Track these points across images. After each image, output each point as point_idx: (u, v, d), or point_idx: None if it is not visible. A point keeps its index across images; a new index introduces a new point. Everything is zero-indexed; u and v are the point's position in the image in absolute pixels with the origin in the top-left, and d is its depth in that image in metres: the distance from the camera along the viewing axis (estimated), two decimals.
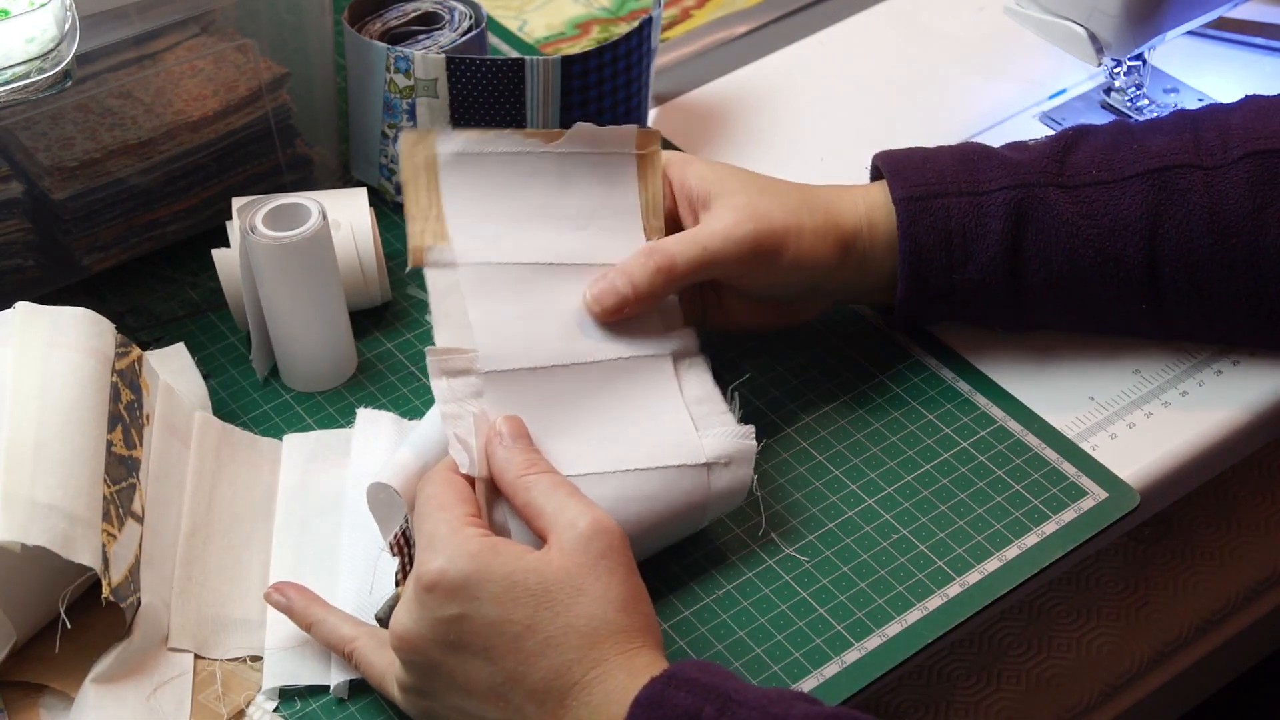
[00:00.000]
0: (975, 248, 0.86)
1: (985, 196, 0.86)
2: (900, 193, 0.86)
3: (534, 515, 0.73)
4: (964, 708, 0.96)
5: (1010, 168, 0.87)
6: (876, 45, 1.15)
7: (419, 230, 0.80)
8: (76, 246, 0.96)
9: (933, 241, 0.85)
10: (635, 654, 0.69)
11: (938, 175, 0.87)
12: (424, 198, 0.80)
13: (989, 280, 0.86)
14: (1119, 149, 0.87)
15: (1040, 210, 0.85)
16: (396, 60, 0.97)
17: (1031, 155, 0.87)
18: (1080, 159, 0.87)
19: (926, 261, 0.86)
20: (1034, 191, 0.86)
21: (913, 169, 0.87)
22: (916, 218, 0.85)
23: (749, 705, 0.67)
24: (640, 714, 0.67)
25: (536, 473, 0.75)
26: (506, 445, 0.76)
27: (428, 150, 0.80)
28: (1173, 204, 0.85)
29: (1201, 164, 0.85)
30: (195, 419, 0.88)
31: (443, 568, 0.70)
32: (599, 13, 1.19)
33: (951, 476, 0.86)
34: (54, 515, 0.74)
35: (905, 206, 0.85)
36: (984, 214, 0.85)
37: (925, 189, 0.86)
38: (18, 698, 0.78)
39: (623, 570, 0.71)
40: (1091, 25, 0.98)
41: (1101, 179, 0.86)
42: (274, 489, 0.87)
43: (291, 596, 0.79)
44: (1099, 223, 0.85)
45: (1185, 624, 1.01)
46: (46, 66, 0.83)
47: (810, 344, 0.93)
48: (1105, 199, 0.85)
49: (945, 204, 0.86)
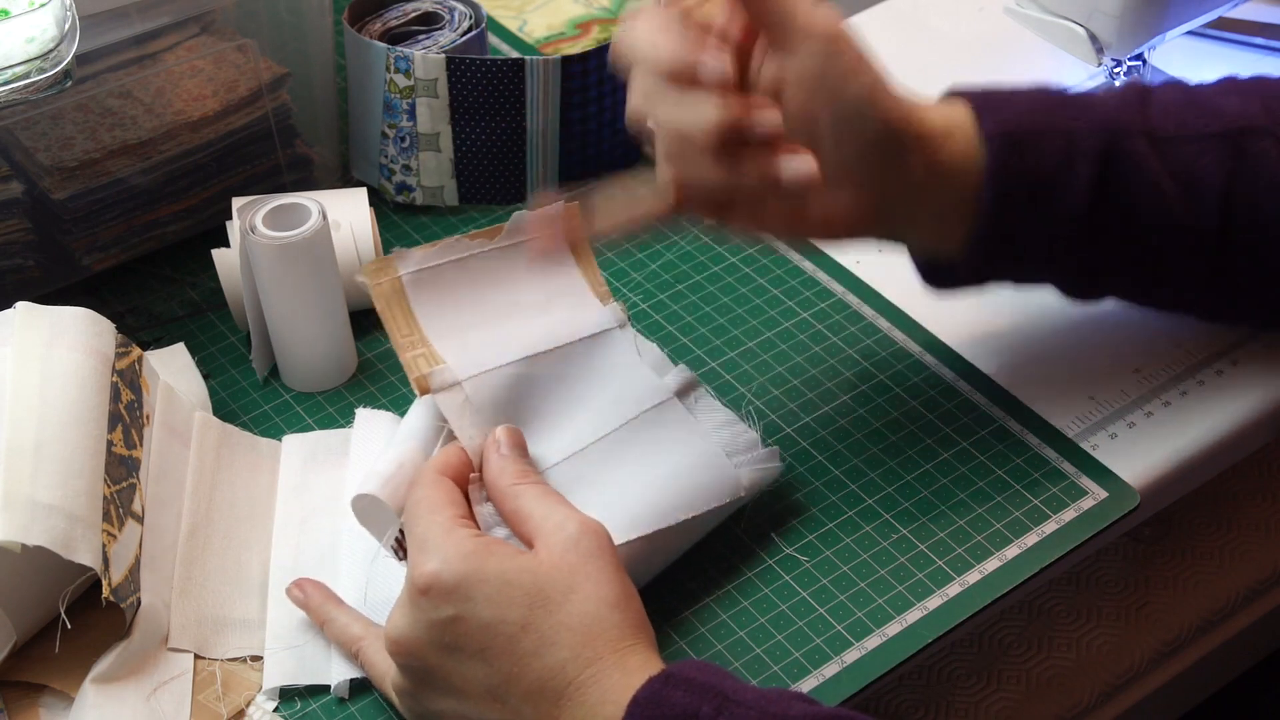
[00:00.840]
0: (1062, 191, 0.81)
1: (1076, 138, 0.81)
2: (992, 128, 0.80)
3: (521, 520, 0.73)
4: (964, 708, 0.96)
5: (1097, 109, 0.82)
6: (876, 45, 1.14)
7: (412, 359, 0.80)
8: (76, 246, 0.96)
9: (1020, 184, 0.80)
10: (630, 652, 0.69)
11: (1026, 111, 0.81)
12: (403, 325, 0.81)
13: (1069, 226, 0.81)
14: (1193, 106, 0.84)
15: (1127, 159, 0.81)
16: (396, 60, 0.97)
17: (1113, 101, 0.83)
18: (1160, 110, 0.83)
19: (1012, 201, 0.80)
20: (1122, 140, 0.81)
21: (1000, 103, 0.82)
22: (1006, 157, 0.80)
23: (746, 704, 0.67)
24: (638, 713, 0.67)
25: (528, 483, 0.75)
26: (502, 454, 0.76)
27: (391, 276, 0.81)
28: (1247, 167, 0.82)
29: (1275, 131, 0.83)
30: (195, 419, 0.88)
31: (437, 570, 0.70)
32: (599, 13, 1.19)
33: (951, 476, 0.86)
34: (54, 515, 0.74)
35: (997, 143, 0.80)
36: (1074, 156, 0.81)
37: (1015, 124, 0.81)
38: (17, 698, 0.78)
39: (612, 569, 0.71)
40: (1091, 25, 0.98)
41: (1181, 133, 0.83)
42: (274, 489, 0.87)
43: (310, 592, 0.79)
44: (1180, 179, 0.82)
45: (1185, 624, 1.01)
46: (46, 66, 0.83)
47: (810, 344, 0.93)
48: (1186, 155, 0.82)
49: (1037, 142, 0.80)
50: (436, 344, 0.80)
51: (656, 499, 0.79)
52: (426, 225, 1.03)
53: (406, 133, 1.00)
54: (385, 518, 0.77)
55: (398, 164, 1.02)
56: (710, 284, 0.98)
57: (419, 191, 1.02)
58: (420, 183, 1.02)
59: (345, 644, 0.78)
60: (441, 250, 0.82)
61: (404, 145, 1.01)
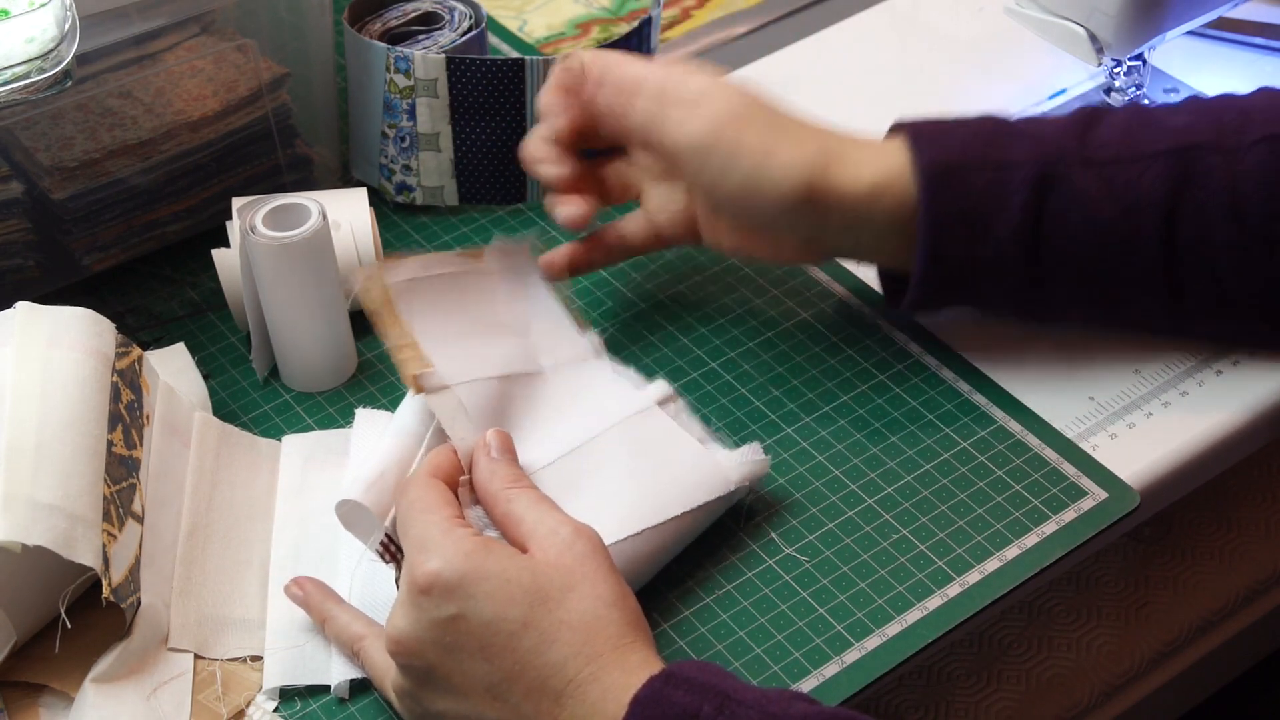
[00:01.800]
0: (995, 222, 0.83)
1: (1008, 170, 0.83)
2: (924, 162, 0.83)
3: (513, 524, 0.74)
4: (964, 708, 0.96)
5: (1032, 142, 0.84)
6: (876, 45, 1.15)
7: (406, 359, 0.80)
8: (76, 246, 0.96)
9: (954, 215, 0.83)
10: (629, 649, 0.70)
11: (960, 145, 0.84)
12: (396, 329, 0.82)
13: (1007, 256, 0.84)
14: (1140, 127, 0.85)
15: (1062, 186, 0.83)
16: (396, 60, 0.97)
17: (1052, 130, 0.85)
18: (1101, 135, 0.85)
19: (947, 235, 0.83)
20: (1056, 168, 0.83)
21: (936, 137, 0.85)
22: (939, 189, 0.83)
23: (747, 704, 0.67)
24: (639, 712, 0.67)
25: (520, 488, 0.75)
26: (492, 458, 0.77)
27: (381, 284, 0.83)
28: (1192, 185, 0.83)
29: (1221, 146, 0.84)
30: (195, 419, 0.88)
31: (438, 569, 0.70)
32: (599, 13, 1.19)
33: (951, 476, 0.86)
34: (55, 515, 0.74)
35: (928, 177, 0.83)
36: (1006, 188, 0.83)
37: (948, 159, 0.83)
38: (17, 698, 0.78)
39: (607, 570, 0.72)
40: (1091, 25, 0.98)
41: (1122, 156, 0.84)
42: (273, 489, 0.87)
43: (309, 590, 0.79)
44: (1119, 201, 0.83)
45: (1185, 624, 1.01)
46: (46, 66, 0.83)
47: (810, 344, 0.93)
48: (1126, 177, 0.84)
49: (968, 176, 0.83)
50: (425, 348, 0.81)
51: (644, 499, 0.79)
52: (426, 225, 1.03)
53: (406, 133, 1.00)
54: (369, 523, 0.78)
55: (398, 164, 1.02)
56: (710, 284, 0.98)
57: (419, 191, 1.02)
58: (420, 183, 1.02)
59: (345, 642, 0.78)
60: (431, 263, 0.84)
61: (404, 145, 1.01)
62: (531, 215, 1.03)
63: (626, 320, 0.95)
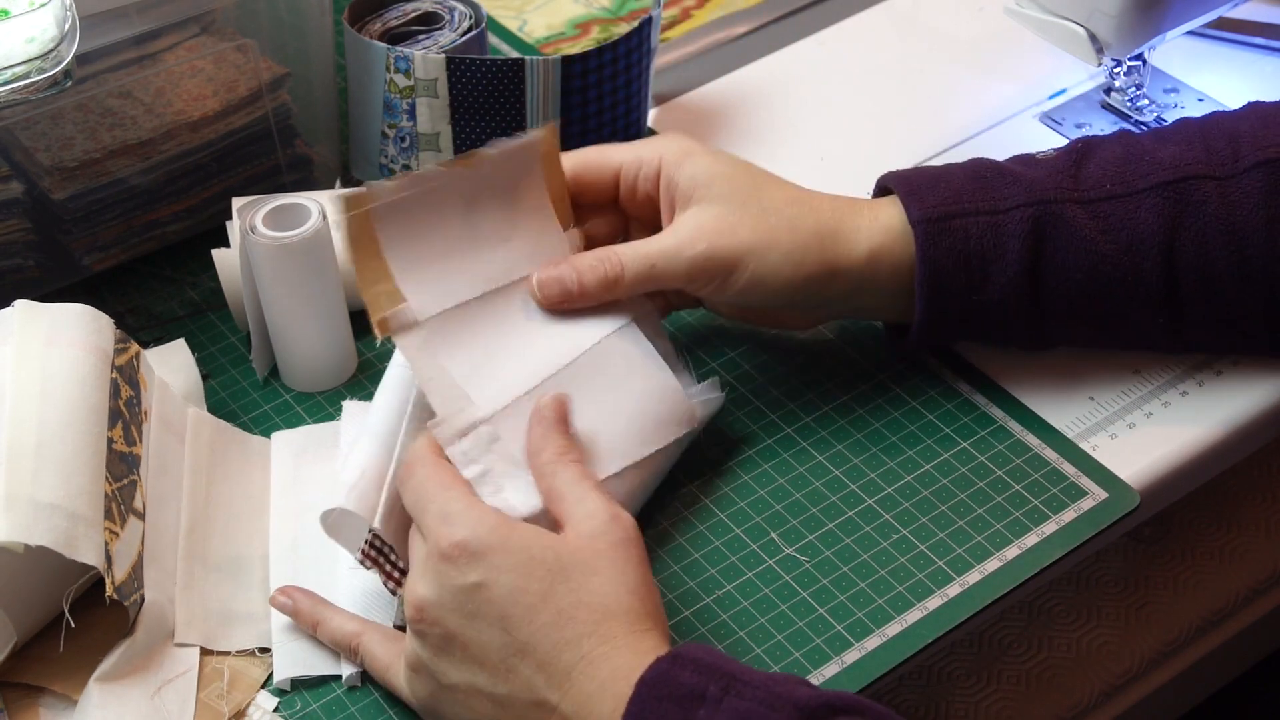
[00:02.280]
0: (994, 268, 0.84)
1: (1003, 215, 0.84)
2: (917, 214, 0.84)
3: (556, 500, 0.75)
4: (964, 708, 0.96)
5: (1025, 184, 0.85)
6: (876, 45, 1.15)
7: (374, 298, 0.80)
8: (76, 246, 0.96)
9: (952, 264, 0.84)
10: (643, 636, 0.70)
11: (954, 194, 0.85)
12: (371, 263, 0.80)
13: (1009, 299, 0.85)
14: (1130, 161, 0.86)
15: (1058, 227, 0.84)
16: (396, 60, 0.97)
17: (1043, 170, 0.86)
18: (1093, 172, 0.85)
19: (945, 283, 0.84)
20: (1051, 208, 0.84)
21: (927, 188, 0.85)
22: (935, 239, 0.84)
23: (753, 685, 0.68)
24: (646, 692, 0.68)
25: (568, 460, 0.76)
26: (545, 425, 0.78)
27: (363, 216, 0.80)
28: (1188, 216, 0.84)
29: (1214, 174, 0.84)
30: (189, 415, 0.88)
31: (465, 537, 0.71)
32: (599, 13, 1.19)
33: (951, 476, 0.86)
34: (56, 515, 0.74)
35: (923, 228, 0.84)
36: (1002, 233, 0.84)
37: (942, 209, 0.84)
38: (18, 698, 0.78)
39: (636, 560, 0.72)
40: (1091, 25, 0.98)
41: (1116, 193, 0.85)
42: (267, 485, 0.87)
43: (297, 598, 0.80)
44: (1117, 238, 0.84)
45: (1185, 624, 1.01)
46: (46, 66, 0.83)
47: (810, 344, 0.93)
48: (1121, 213, 0.84)
49: (964, 224, 0.84)
50: (399, 281, 0.81)
51: (621, 436, 0.81)
52: None
53: (406, 133, 1.00)
54: (356, 527, 0.77)
55: (398, 164, 1.02)
56: None
57: None
58: None
59: (342, 642, 0.78)
60: (413, 180, 0.82)
61: (404, 145, 1.01)
62: None
63: None
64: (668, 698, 0.67)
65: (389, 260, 0.81)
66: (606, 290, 0.84)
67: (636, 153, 0.86)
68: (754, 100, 1.11)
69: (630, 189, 0.87)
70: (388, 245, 0.81)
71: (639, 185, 0.86)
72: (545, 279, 0.84)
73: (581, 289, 0.83)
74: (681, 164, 0.85)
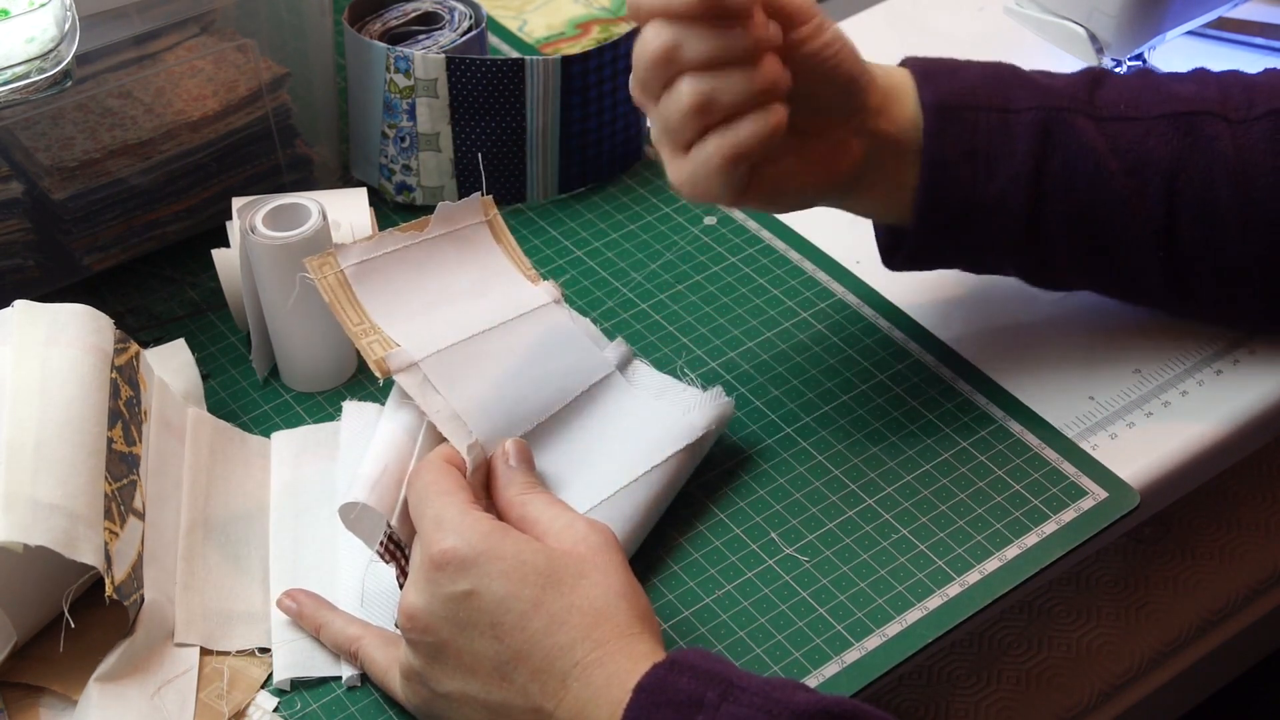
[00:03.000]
0: (999, 165, 0.83)
1: (1014, 114, 0.83)
2: (930, 98, 0.83)
3: (529, 525, 0.75)
4: (964, 708, 0.96)
5: (1040, 90, 0.84)
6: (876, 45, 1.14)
7: (368, 343, 0.81)
8: (76, 246, 0.96)
9: (957, 154, 0.83)
10: (636, 639, 0.70)
11: (968, 87, 0.84)
12: (353, 313, 0.83)
13: (1009, 201, 0.83)
14: (1147, 90, 0.85)
15: (1067, 134, 0.83)
16: (396, 60, 0.97)
17: (1062, 82, 0.85)
18: (1108, 94, 0.85)
19: (949, 175, 0.83)
20: (1063, 115, 0.83)
21: (944, 75, 0.84)
22: (944, 128, 0.83)
23: (750, 690, 0.67)
24: (643, 698, 0.67)
25: (535, 492, 0.77)
26: (511, 466, 0.78)
27: (333, 269, 0.83)
28: (1197, 150, 0.83)
29: (1227, 116, 0.84)
30: (189, 415, 0.88)
31: (455, 545, 0.71)
32: (599, 13, 1.19)
33: (951, 476, 0.86)
34: (56, 515, 0.74)
35: (934, 115, 0.82)
36: (1011, 132, 0.83)
37: (955, 99, 0.83)
38: (18, 698, 0.77)
39: (619, 565, 0.72)
40: (1091, 25, 0.98)
41: (1129, 115, 0.84)
42: (267, 484, 0.87)
43: (301, 601, 0.80)
44: (1124, 158, 0.83)
45: (1185, 624, 1.01)
46: (46, 66, 0.83)
47: (810, 344, 0.93)
48: (1131, 134, 0.83)
49: (974, 117, 0.83)
50: (387, 329, 0.82)
51: (611, 460, 0.81)
52: None
53: (406, 133, 1.00)
54: (374, 522, 0.78)
55: (398, 164, 1.02)
56: (710, 284, 0.98)
57: (419, 191, 1.02)
58: (420, 183, 1.02)
59: (343, 645, 0.78)
60: (378, 243, 0.84)
61: (404, 145, 1.01)
62: (531, 215, 1.03)
63: (626, 320, 0.95)
64: (665, 704, 0.67)
65: (370, 313, 0.82)
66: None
67: None
68: None
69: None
70: (366, 299, 0.83)
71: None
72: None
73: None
74: None
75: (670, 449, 0.82)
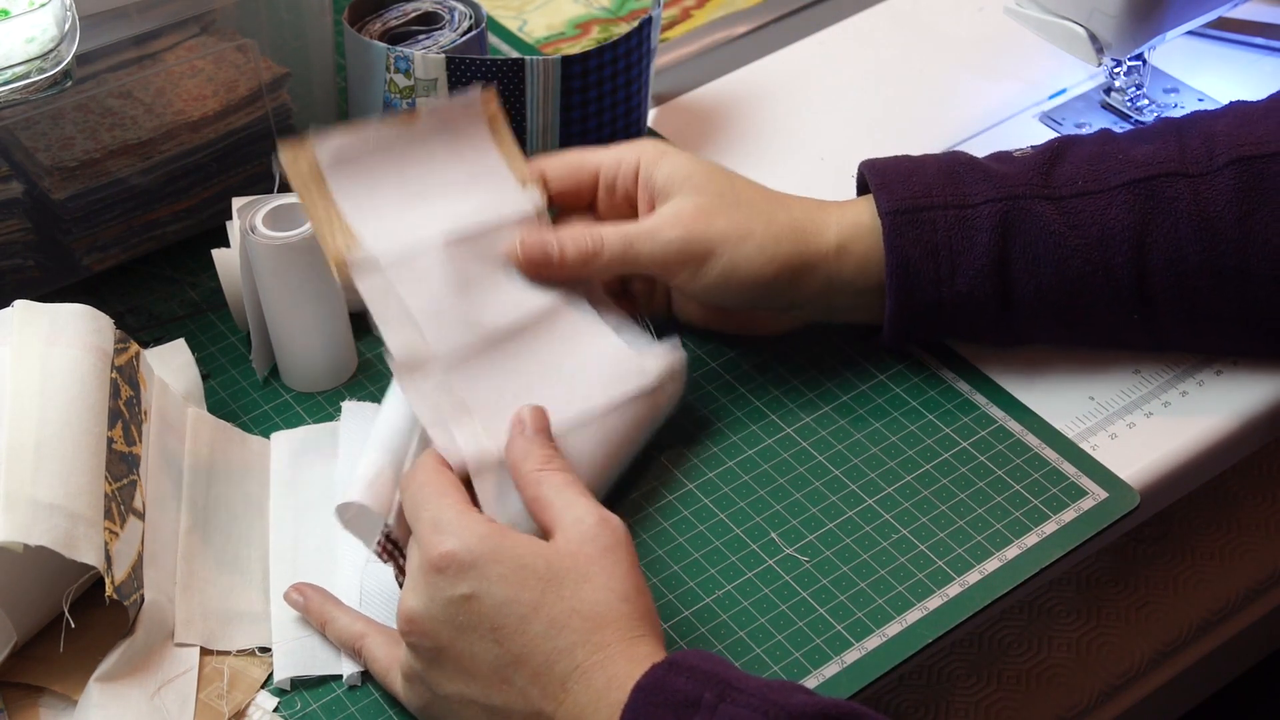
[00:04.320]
0: (962, 261, 0.85)
1: (971, 209, 0.85)
2: (887, 206, 0.85)
3: (542, 508, 0.74)
4: (964, 708, 0.96)
5: (996, 180, 0.86)
6: (876, 45, 1.15)
7: (331, 242, 0.80)
8: (76, 246, 0.96)
9: (919, 254, 0.85)
10: (638, 642, 0.70)
11: (924, 188, 0.86)
12: (320, 208, 0.81)
13: (977, 293, 0.85)
14: (1104, 159, 0.87)
15: (1027, 222, 0.85)
16: (396, 60, 0.97)
17: (1016, 167, 0.87)
18: (1066, 170, 0.86)
19: (914, 275, 0.85)
20: (1020, 204, 0.85)
21: (899, 181, 0.87)
22: (903, 230, 0.85)
23: (748, 692, 0.67)
24: (641, 699, 0.67)
25: (552, 469, 0.76)
26: (527, 436, 0.78)
27: (308, 158, 0.81)
28: (1160, 213, 0.85)
29: (1187, 172, 0.85)
30: (188, 415, 0.88)
31: (454, 548, 0.71)
32: (599, 13, 1.19)
33: (951, 476, 0.86)
34: (56, 515, 0.74)
35: (891, 219, 0.85)
36: (970, 227, 0.85)
37: (911, 202, 0.86)
38: (18, 698, 0.78)
39: (627, 564, 0.72)
40: (1091, 25, 0.98)
41: (1088, 189, 0.86)
42: (266, 484, 0.87)
43: (309, 596, 0.80)
44: (1086, 233, 0.85)
45: (1185, 624, 1.01)
46: (46, 66, 0.83)
47: (810, 343, 0.93)
48: (1092, 210, 0.85)
49: (932, 217, 0.85)
50: (358, 227, 0.81)
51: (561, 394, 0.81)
52: None
53: None
54: (371, 523, 0.78)
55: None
56: None
57: None
58: None
59: (347, 642, 0.78)
60: (361, 135, 0.83)
61: None
62: None
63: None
64: (663, 704, 0.67)
65: (341, 204, 0.80)
66: (584, 264, 0.85)
67: (615, 154, 0.88)
68: (754, 100, 1.11)
69: (609, 189, 0.88)
70: (338, 189, 0.81)
71: (618, 184, 0.88)
72: (530, 241, 0.85)
73: (561, 258, 0.84)
74: (659, 162, 0.87)
75: (620, 389, 0.82)
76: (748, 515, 0.84)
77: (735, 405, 0.90)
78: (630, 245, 0.85)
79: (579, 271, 0.85)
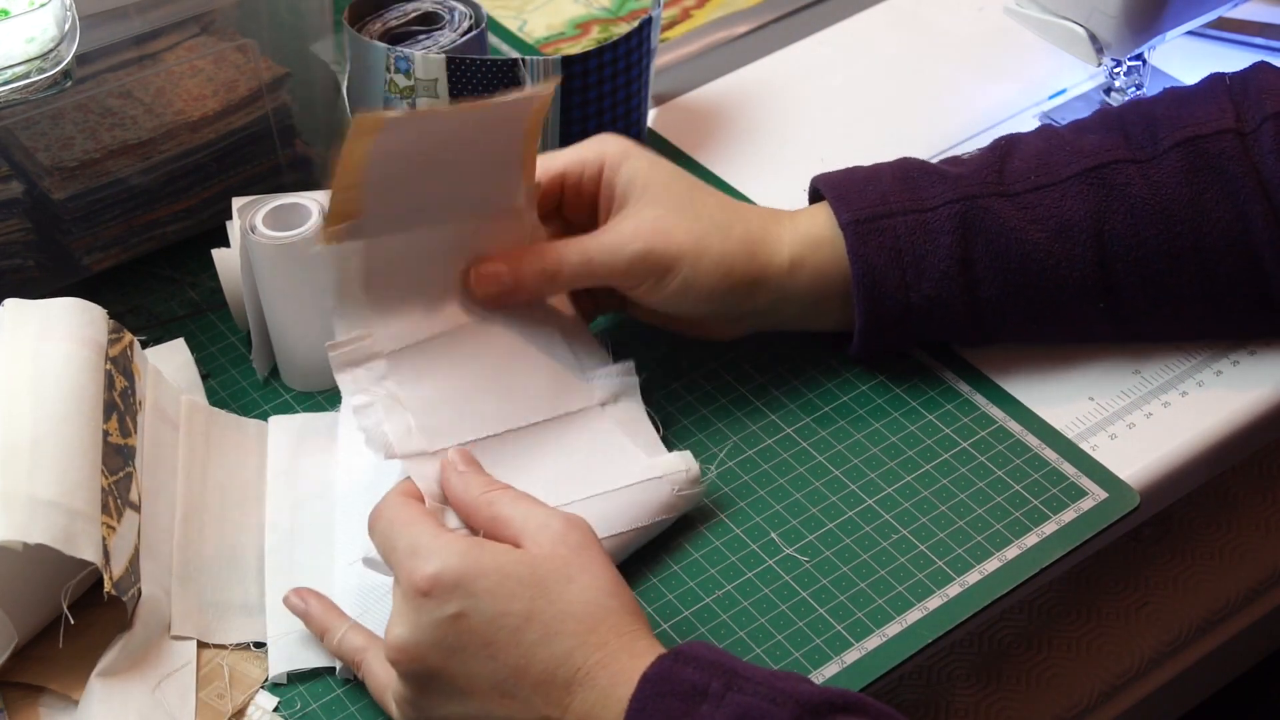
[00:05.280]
0: (927, 264, 0.85)
1: (930, 213, 0.86)
2: (846, 217, 0.86)
3: (503, 525, 0.73)
4: (964, 708, 0.96)
5: (950, 182, 0.87)
6: (876, 45, 1.15)
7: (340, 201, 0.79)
8: (76, 246, 0.96)
9: (884, 262, 0.85)
10: (635, 637, 0.70)
11: (880, 196, 0.86)
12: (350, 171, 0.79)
13: (944, 295, 0.86)
14: (1052, 153, 0.87)
15: (986, 220, 0.85)
16: (397, 60, 0.97)
17: (969, 168, 0.88)
18: (1017, 166, 0.87)
19: (880, 283, 0.85)
20: (977, 203, 0.86)
21: (855, 192, 0.87)
22: (865, 239, 0.85)
23: (755, 680, 0.68)
24: (648, 689, 0.68)
25: (498, 489, 0.75)
26: (461, 471, 0.77)
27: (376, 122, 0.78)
28: (1114, 199, 0.85)
29: (1135, 158, 0.86)
30: (182, 403, 0.88)
31: (437, 570, 0.70)
32: (599, 13, 1.19)
33: (951, 476, 0.86)
34: (54, 512, 0.74)
35: (853, 230, 0.85)
36: (931, 230, 0.85)
37: (870, 210, 0.86)
38: (18, 698, 0.78)
39: (602, 559, 0.72)
40: (1091, 25, 0.98)
41: (1041, 183, 0.86)
42: (263, 473, 0.87)
43: (310, 603, 0.79)
44: (1045, 226, 0.85)
45: (1185, 624, 1.01)
46: (46, 66, 0.83)
47: (810, 343, 0.93)
48: (1048, 203, 0.86)
49: (892, 224, 0.86)
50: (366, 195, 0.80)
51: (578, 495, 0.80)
52: None
53: None
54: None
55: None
56: None
57: None
58: None
59: (346, 655, 0.78)
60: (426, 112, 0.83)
61: None
62: None
63: (624, 319, 0.95)
64: (670, 694, 0.67)
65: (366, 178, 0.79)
66: (545, 283, 0.84)
67: (579, 154, 0.87)
68: (754, 100, 1.11)
69: (575, 191, 0.87)
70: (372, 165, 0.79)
71: (583, 186, 0.87)
72: (482, 274, 0.84)
73: (518, 282, 0.84)
74: (620, 165, 0.86)
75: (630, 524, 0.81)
76: (748, 515, 0.84)
77: (735, 406, 0.90)
78: (589, 261, 0.84)
79: (540, 293, 0.85)
